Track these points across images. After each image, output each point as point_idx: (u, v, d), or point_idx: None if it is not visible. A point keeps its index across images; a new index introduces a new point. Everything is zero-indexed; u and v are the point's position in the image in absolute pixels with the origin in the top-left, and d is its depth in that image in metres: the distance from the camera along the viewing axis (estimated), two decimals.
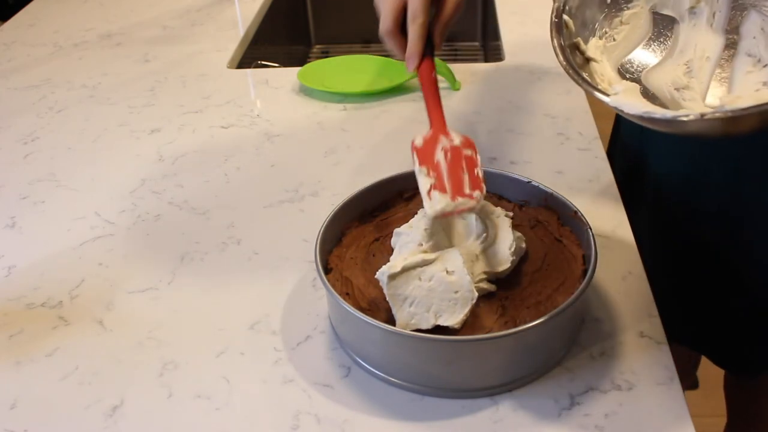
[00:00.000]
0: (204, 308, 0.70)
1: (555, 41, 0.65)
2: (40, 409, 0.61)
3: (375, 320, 0.58)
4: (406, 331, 0.58)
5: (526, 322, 0.58)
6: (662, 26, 0.70)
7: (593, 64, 0.67)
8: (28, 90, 1.14)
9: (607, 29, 0.70)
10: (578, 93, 1.04)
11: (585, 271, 0.64)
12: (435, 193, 0.62)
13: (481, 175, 0.63)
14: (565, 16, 0.66)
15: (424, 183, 0.63)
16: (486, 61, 1.55)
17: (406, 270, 0.60)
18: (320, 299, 0.70)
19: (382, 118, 1.01)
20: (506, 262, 0.64)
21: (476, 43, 1.63)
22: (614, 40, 0.69)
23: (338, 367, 0.63)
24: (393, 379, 0.61)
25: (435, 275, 0.60)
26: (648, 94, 0.67)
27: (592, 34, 0.69)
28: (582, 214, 0.67)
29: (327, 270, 0.66)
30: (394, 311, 0.60)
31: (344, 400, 0.60)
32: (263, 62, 1.33)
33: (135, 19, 1.39)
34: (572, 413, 0.58)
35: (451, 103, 1.04)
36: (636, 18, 0.70)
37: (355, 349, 0.63)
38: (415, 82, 1.08)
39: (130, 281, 0.74)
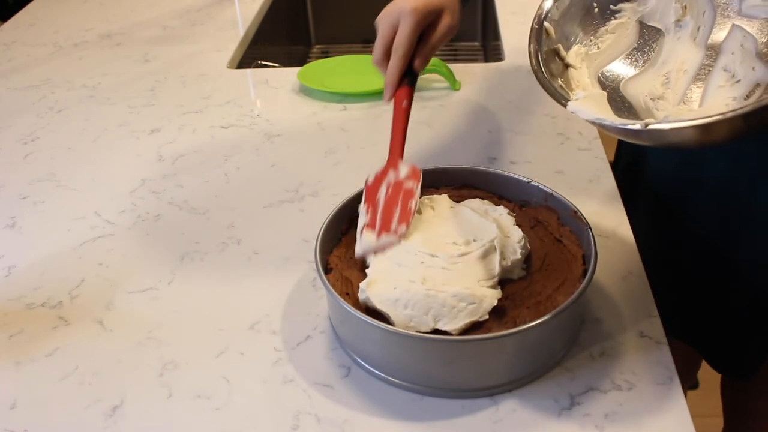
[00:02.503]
0: (204, 308, 0.70)
1: (531, 47, 0.67)
2: (40, 409, 0.61)
3: (375, 320, 0.58)
4: (406, 331, 0.58)
5: (526, 322, 0.58)
6: (648, 37, 0.71)
7: (571, 71, 0.68)
8: (28, 90, 1.14)
9: (593, 37, 0.70)
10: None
11: (585, 271, 0.64)
12: (365, 233, 0.65)
13: (413, 207, 0.66)
14: (545, 23, 0.68)
15: (360, 222, 0.67)
16: (486, 61, 1.55)
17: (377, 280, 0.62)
18: (320, 299, 0.70)
19: (382, 118, 1.01)
20: (516, 253, 0.64)
21: (476, 43, 1.63)
22: (598, 48, 0.70)
23: (338, 367, 0.63)
24: (393, 379, 0.61)
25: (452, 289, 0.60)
26: (624, 103, 0.67)
27: (576, 41, 0.70)
28: (582, 214, 0.67)
29: (327, 270, 0.66)
30: (390, 318, 0.60)
31: (344, 400, 0.60)
32: (263, 62, 1.33)
33: (135, 19, 1.39)
34: (572, 413, 0.58)
35: (451, 103, 1.04)
36: (622, 28, 0.70)
37: (355, 349, 0.63)
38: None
39: (130, 281, 0.74)
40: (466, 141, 0.95)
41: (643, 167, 0.91)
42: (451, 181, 0.75)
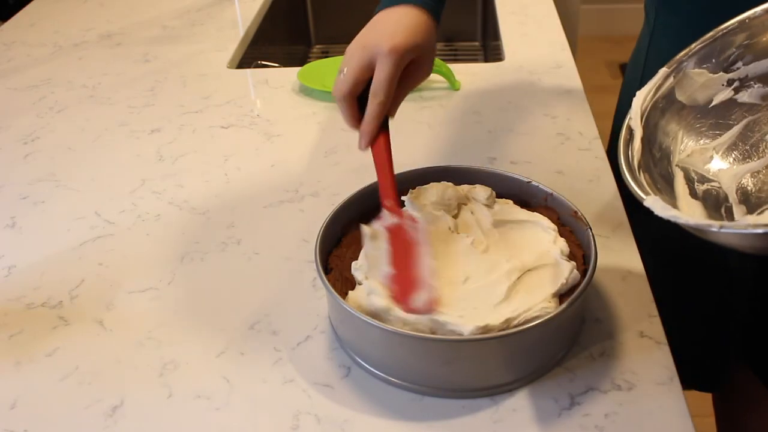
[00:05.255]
0: (204, 308, 0.70)
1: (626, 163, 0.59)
2: (40, 409, 0.61)
3: (375, 320, 0.58)
4: (406, 331, 0.58)
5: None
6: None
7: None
8: (28, 90, 1.14)
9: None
10: (578, 93, 1.04)
11: (585, 271, 0.64)
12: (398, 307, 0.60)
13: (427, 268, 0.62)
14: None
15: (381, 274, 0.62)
16: (486, 61, 1.55)
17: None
18: (320, 299, 0.70)
19: None
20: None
21: (476, 43, 1.63)
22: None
23: (338, 367, 0.63)
24: (393, 379, 0.61)
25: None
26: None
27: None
28: (582, 214, 0.67)
29: (327, 270, 0.66)
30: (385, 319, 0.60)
31: (344, 400, 0.60)
32: (263, 62, 1.33)
33: (135, 19, 1.39)
34: (572, 413, 0.58)
35: (451, 103, 1.04)
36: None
37: (355, 349, 0.63)
38: None
39: (130, 281, 0.74)
40: (466, 141, 0.95)
41: None
42: (450, 181, 0.75)
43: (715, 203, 0.62)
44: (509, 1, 1.36)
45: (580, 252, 0.67)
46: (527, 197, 0.73)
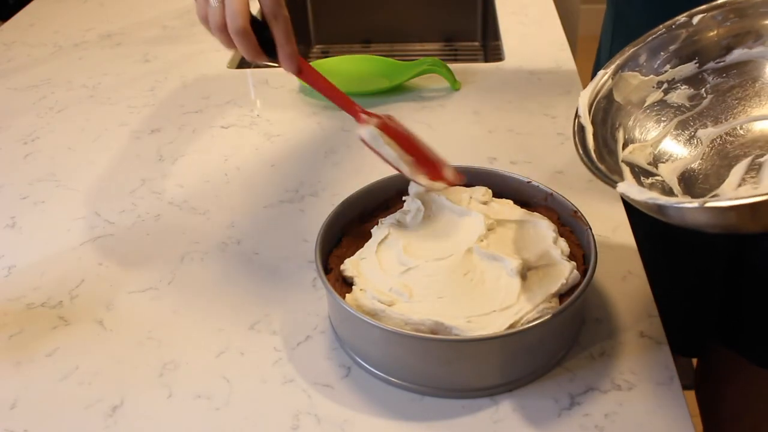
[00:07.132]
0: (204, 308, 0.70)
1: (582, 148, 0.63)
2: (40, 409, 0.61)
3: (375, 320, 0.58)
4: (406, 331, 0.58)
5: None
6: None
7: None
8: (28, 90, 1.14)
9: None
10: (578, 93, 1.03)
11: (585, 271, 0.64)
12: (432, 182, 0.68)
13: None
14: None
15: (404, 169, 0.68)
16: (486, 61, 1.55)
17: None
18: (320, 299, 0.70)
19: None
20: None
21: (476, 43, 1.63)
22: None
23: (338, 367, 0.63)
24: (393, 379, 0.61)
25: None
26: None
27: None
28: (582, 214, 0.67)
29: (327, 270, 0.66)
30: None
31: (344, 400, 0.60)
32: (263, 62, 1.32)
33: (135, 19, 1.39)
34: (572, 413, 0.58)
35: (451, 103, 1.04)
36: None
37: (355, 349, 0.63)
38: (415, 81, 1.08)
39: (130, 281, 0.74)
40: (466, 141, 0.95)
41: None
42: None
43: (662, 194, 0.64)
44: (509, 1, 1.36)
45: (580, 252, 0.67)
46: (527, 197, 0.73)
